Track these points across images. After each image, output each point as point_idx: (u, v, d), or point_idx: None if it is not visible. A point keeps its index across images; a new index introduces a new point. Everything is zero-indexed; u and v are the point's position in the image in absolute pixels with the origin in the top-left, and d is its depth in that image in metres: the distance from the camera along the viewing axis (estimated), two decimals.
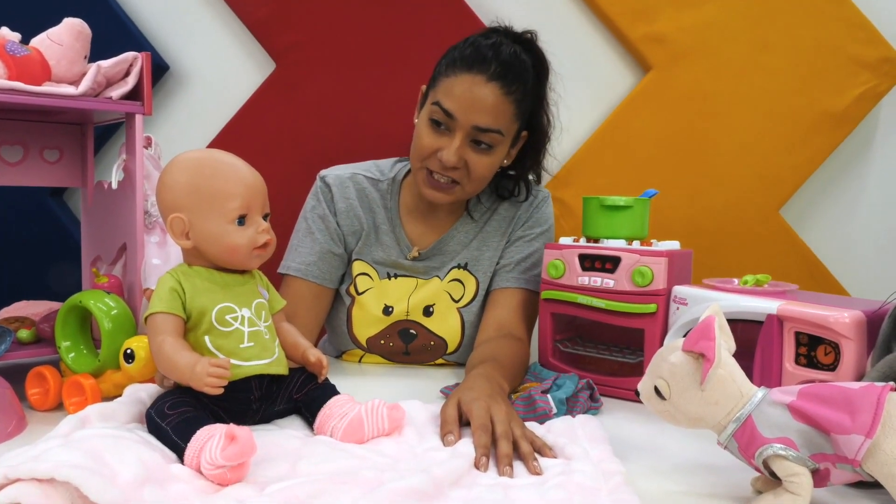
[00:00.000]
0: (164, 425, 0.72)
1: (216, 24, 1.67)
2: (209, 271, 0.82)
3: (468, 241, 1.25)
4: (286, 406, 0.85)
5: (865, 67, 1.60)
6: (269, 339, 0.83)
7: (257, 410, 0.82)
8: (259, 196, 0.83)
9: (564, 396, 0.91)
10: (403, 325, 1.23)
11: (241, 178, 0.82)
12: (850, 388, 0.65)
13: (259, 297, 0.85)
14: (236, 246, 0.81)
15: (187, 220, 0.81)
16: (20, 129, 1.11)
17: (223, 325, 0.79)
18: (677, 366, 0.69)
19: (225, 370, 0.73)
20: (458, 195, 1.18)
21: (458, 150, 1.11)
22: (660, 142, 1.63)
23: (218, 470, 0.65)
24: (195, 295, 0.79)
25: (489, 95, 1.10)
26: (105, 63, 1.01)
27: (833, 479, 0.66)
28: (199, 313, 0.78)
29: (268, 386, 0.82)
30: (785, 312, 0.86)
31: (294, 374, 0.86)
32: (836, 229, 1.69)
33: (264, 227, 0.83)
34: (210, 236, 0.81)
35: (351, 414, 0.80)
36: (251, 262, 0.83)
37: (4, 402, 0.86)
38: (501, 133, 1.13)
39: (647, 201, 1.10)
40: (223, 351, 0.78)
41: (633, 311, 1.01)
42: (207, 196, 0.81)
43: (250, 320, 0.81)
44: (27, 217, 1.65)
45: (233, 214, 0.80)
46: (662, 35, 1.61)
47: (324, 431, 0.80)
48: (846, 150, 1.66)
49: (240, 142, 1.64)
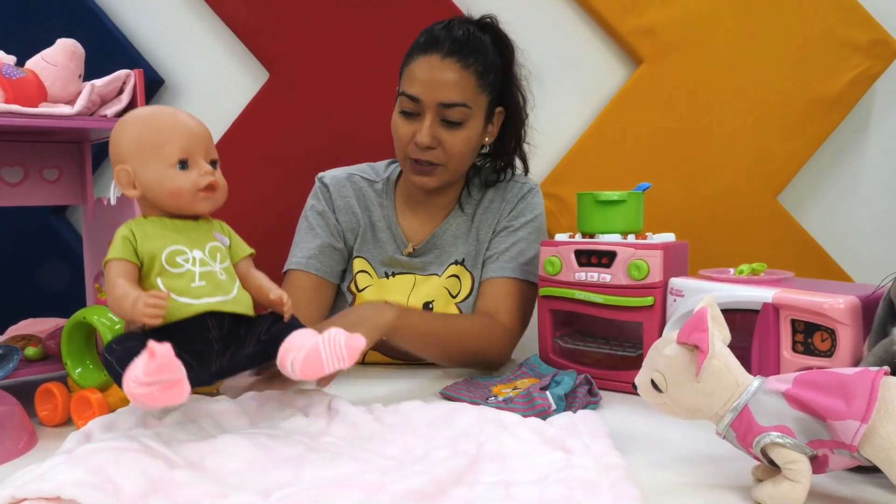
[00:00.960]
0: (110, 359, 0.74)
1: (209, 37, 1.68)
2: (161, 219, 0.84)
3: (461, 234, 1.27)
4: (255, 349, 0.83)
5: (857, 50, 1.60)
6: (227, 280, 0.83)
7: (222, 352, 0.81)
8: (201, 142, 0.85)
9: (563, 393, 0.92)
10: None
11: (180, 124, 0.84)
12: (844, 374, 0.66)
13: (213, 240, 0.85)
14: (179, 189, 0.82)
15: (132, 170, 0.83)
16: (19, 151, 1.13)
17: (173, 266, 0.80)
18: (672, 358, 0.70)
19: (162, 300, 0.74)
20: (442, 176, 1.21)
21: (429, 130, 1.16)
22: (654, 134, 1.64)
23: (143, 388, 0.66)
24: (145, 240, 0.80)
25: (447, 71, 1.15)
26: (99, 82, 1.02)
27: (832, 464, 0.67)
28: (150, 257, 0.80)
29: (230, 326, 0.82)
30: (780, 300, 0.86)
31: (263, 317, 0.85)
32: (835, 214, 1.69)
33: (207, 170, 0.83)
34: (153, 182, 0.83)
35: (308, 345, 0.78)
36: (197, 205, 0.84)
37: (14, 419, 0.87)
38: (467, 106, 1.16)
39: (640, 195, 1.11)
40: (175, 291, 0.78)
41: (631, 305, 1.02)
42: (148, 144, 0.83)
43: (202, 261, 0.82)
44: (31, 236, 1.66)
45: (172, 158, 0.82)
46: (652, 27, 1.61)
47: (284, 366, 0.80)
48: (842, 135, 1.66)
49: (238, 151, 1.65)
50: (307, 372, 0.77)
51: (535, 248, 1.22)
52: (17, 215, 1.63)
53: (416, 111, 1.17)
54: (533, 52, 1.63)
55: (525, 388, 0.96)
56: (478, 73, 1.17)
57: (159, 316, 0.74)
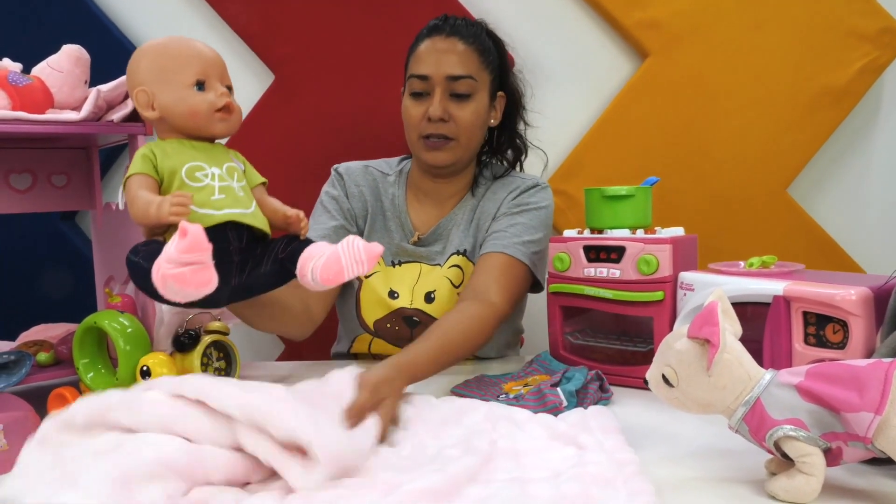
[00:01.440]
0: (135, 259, 0.76)
1: (213, 40, 1.68)
2: (179, 140, 0.86)
3: (464, 223, 1.29)
4: (272, 267, 0.85)
5: (865, 40, 1.58)
6: (244, 197, 0.86)
7: (240, 267, 0.83)
8: (216, 66, 0.88)
9: (574, 389, 0.91)
10: (407, 312, 1.26)
11: (196, 49, 0.88)
12: (857, 366, 0.65)
13: (230, 161, 0.88)
14: (196, 108, 0.85)
15: (150, 91, 0.86)
16: (27, 157, 1.13)
17: (193, 180, 0.82)
18: (683, 353, 0.70)
19: (187, 198, 0.76)
20: (455, 151, 1.25)
21: (440, 103, 1.21)
22: (661, 128, 1.63)
23: (176, 268, 0.67)
24: (165, 157, 0.82)
25: (452, 46, 1.23)
26: (104, 87, 1.02)
27: (846, 457, 0.66)
28: (170, 173, 0.82)
29: (248, 242, 0.85)
30: (791, 293, 0.86)
31: (279, 238, 0.88)
32: (845, 205, 1.68)
33: (223, 91, 0.87)
34: (171, 103, 0.85)
35: (328, 251, 0.80)
36: (214, 125, 0.87)
37: (28, 424, 0.87)
38: (473, 78, 1.23)
39: (648, 189, 1.10)
40: (196, 203, 0.80)
41: (641, 300, 1.02)
42: (166, 67, 0.86)
43: (220, 176, 0.84)
44: (40, 242, 1.67)
45: (190, 79, 0.85)
46: (657, 20, 1.60)
47: (304, 274, 0.81)
48: (851, 125, 1.65)
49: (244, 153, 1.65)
50: (327, 276, 0.79)
51: (536, 234, 1.23)
52: (27, 222, 1.63)
53: (425, 90, 1.23)
54: (538, 48, 1.64)
55: (536, 385, 0.95)
56: (479, 51, 1.25)
57: (184, 214, 0.76)
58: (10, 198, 1.13)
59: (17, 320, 1.25)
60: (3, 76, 0.98)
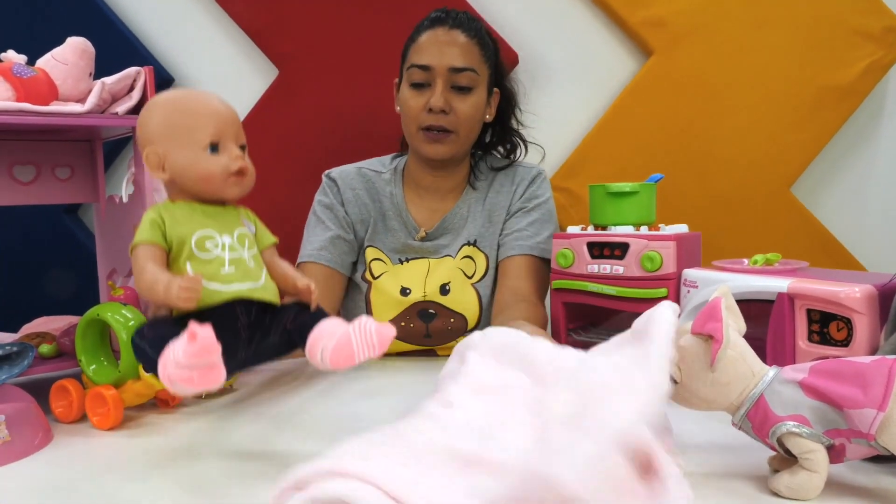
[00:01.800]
0: (142, 344, 0.73)
1: (218, 34, 1.68)
2: (190, 204, 0.83)
3: (472, 215, 1.31)
4: (281, 338, 0.82)
5: (870, 39, 1.58)
6: (255, 268, 0.82)
7: (248, 341, 0.80)
8: (232, 125, 0.84)
9: None
10: (422, 305, 1.26)
11: (211, 107, 0.83)
12: (861, 363, 0.65)
13: (241, 227, 0.84)
14: (210, 173, 0.81)
15: (162, 151, 0.82)
16: (31, 149, 1.13)
17: (203, 251, 0.79)
18: (687, 349, 0.69)
19: (197, 283, 0.73)
20: (454, 144, 1.26)
21: (442, 94, 1.22)
22: (665, 126, 1.63)
23: (183, 371, 0.65)
24: (174, 224, 0.79)
25: (455, 38, 1.23)
26: (109, 79, 1.02)
27: (849, 454, 0.66)
28: (179, 242, 0.78)
29: (257, 314, 0.80)
30: (795, 290, 0.86)
31: (288, 306, 0.84)
32: (849, 204, 1.68)
33: (237, 154, 0.83)
34: (183, 165, 0.81)
35: (339, 333, 0.76)
36: (228, 190, 0.83)
37: (30, 415, 0.88)
38: (475, 71, 1.23)
39: (653, 186, 1.10)
40: (204, 276, 0.77)
41: (644, 297, 1.02)
42: (179, 126, 0.82)
43: (231, 246, 0.81)
44: (44, 235, 1.67)
45: (204, 141, 0.81)
46: (661, 18, 1.60)
47: (314, 355, 0.77)
48: (855, 125, 1.65)
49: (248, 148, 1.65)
50: (338, 360, 0.75)
51: (549, 228, 1.29)
52: (30, 215, 1.64)
53: (426, 80, 1.23)
54: (542, 45, 1.64)
55: None
56: (480, 45, 1.25)
57: (194, 300, 0.73)
58: (13, 190, 1.12)
59: (19, 313, 1.25)
60: (8, 68, 0.98)
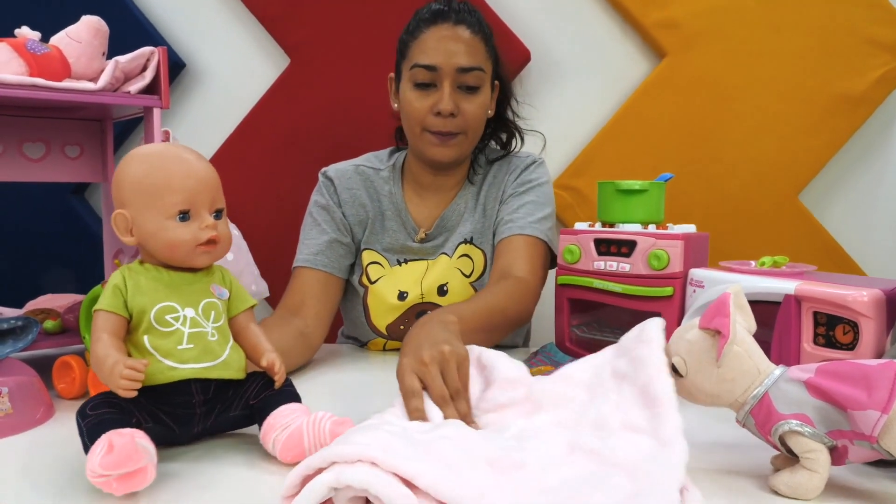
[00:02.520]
0: (82, 425, 0.69)
1: (231, 21, 1.68)
2: (157, 269, 0.78)
3: (468, 210, 1.28)
4: (242, 412, 0.79)
5: (884, 49, 1.58)
6: (217, 342, 0.77)
7: (206, 415, 0.77)
8: (207, 191, 0.78)
9: None
10: (420, 307, 1.24)
11: (185, 172, 0.78)
12: (867, 365, 0.65)
13: (210, 296, 0.79)
14: (176, 243, 0.77)
15: (130, 216, 0.77)
16: (42, 126, 1.14)
17: (162, 324, 0.75)
18: (694, 343, 0.69)
19: (139, 372, 0.69)
20: (462, 146, 1.22)
21: (450, 96, 1.17)
22: (676, 128, 1.63)
23: (100, 479, 0.62)
24: (136, 293, 0.75)
25: (461, 36, 1.17)
26: (123, 58, 1.03)
27: (851, 456, 0.66)
28: (139, 311, 0.75)
29: (217, 390, 0.77)
30: (803, 292, 0.85)
31: (254, 378, 0.80)
32: (856, 213, 1.67)
33: (209, 224, 0.77)
34: (150, 233, 0.77)
35: (293, 426, 0.74)
36: (196, 259, 0.78)
37: (33, 390, 0.88)
38: (482, 70, 1.19)
39: (662, 185, 1.10)
40: (160, 351, 0.74)
41: (650, 295, 1.01)
42: (148, 191, 0.77)
43: (193, 321, 0.76)
44: (51, 215, 1.68)
45: (172, 210, 0.76)
46: (675, 20, 1.60)
47: (266, 443, 0.75)
48: (866, 134, 1.64)
49: (257, 137, 1.65)
50: (286, 456, 0.73)
51: (545, 210, 1.25)
52: (38, 195, 1.64)
53: (432, 81, 1.18)
54: (556, 43, 1.64)
55: (538, 375, 0.95)
56: (485, 41, 1.21)
57: (134, 388, 0.69)
58: (23, 166, 1.13)
59: (24, 290, 1.25)
60: (22, 44, 0.98)
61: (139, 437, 0.66)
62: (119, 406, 0.70)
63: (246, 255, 1.16)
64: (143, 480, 0.64)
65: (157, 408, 0.74)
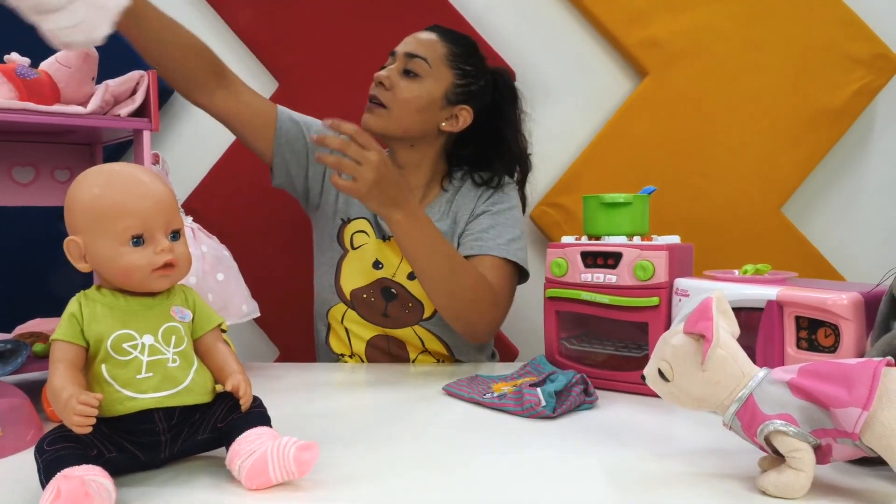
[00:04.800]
0: (39, 463, 0.66)
1: (218, 46, 1.68)
2: (114, 295, 0.76)
3: (442, 216, 1.33)
4: (210, 435, 0.75)
5: (860, 64, 1.61)
6: (178, 367, 0.74)
7: (172, 441, 0.74)
8: (161, 213, 0.75)
9: (554, 390, 0.91)
10: (386, 283, 1.29)
11: (138, 193, 0.75)
12: (847, 364, 0.66)
13: (170, 320, 0.76)
14: (131, 269, 0.74)
15: (82, 242, 0.74)
16: (31, 151, 1.15)
17: (120, 353, 0.72)
18: (679, 348, 0.71)
19: (91, 408, 0.66)
20: (383, 119, 1.28)
21: (391, 71, 1.28)
22: (659, 146, 1.65)
23: None
24: (92, 321, 0.73)
25: (424, 34, 1.31)
26: (112, 82, 1.04)
27: (835, 454, 0.67)
28: (96, 341, 0.72)
29: (181, 416, 0.74)
30: (784, 298, 0.87)
31: (221, 399, 0.77)
32: (838, 225, 1.70)
33: (164, 247, 0.74)
34: (103, 259, 0.74)
35: (258, 453, 0.70)
36: (153, 284, 0.75)
37: (23, 412, 0.88)
38: (427, 62, 1.27)
39: (646, 198, 1.12)
40: (118, 381, 0.72)
41: (637, 305, 1.03)
42: (99, 215, 0.74)
43: (152, 348, 0.74)
44: (40, 238, 1.67)
45: (125, 235, 0.73)
46: (657, 39, 1.63)
47: (232, 468, 0.72)
48: (844, 147, 1.68)
49: (246, 161, 1.66)
50: (252, 483, 0.70)
51: (514, 232, 1.29)
52: (28, 219, 1.64)
53: (390, 62, 1.30)
54: (539, 64, 1.67)
55: (517, 386, 0.96)
56: (449, 51, 1.30)
57: (89, 424, 0.67)
58: (12, 191, 1.14)
59: (14, 314, 1.25)
60: (11, 69, 1.00)
61: (92, 475, 0.64)
62: (78, 439, 0.68)
63: (236, 276, 1.16)
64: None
65: (120, 437, 0.71)
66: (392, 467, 0.76)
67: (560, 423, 0.91)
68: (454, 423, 0.92)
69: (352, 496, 0.68)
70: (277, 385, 1.12)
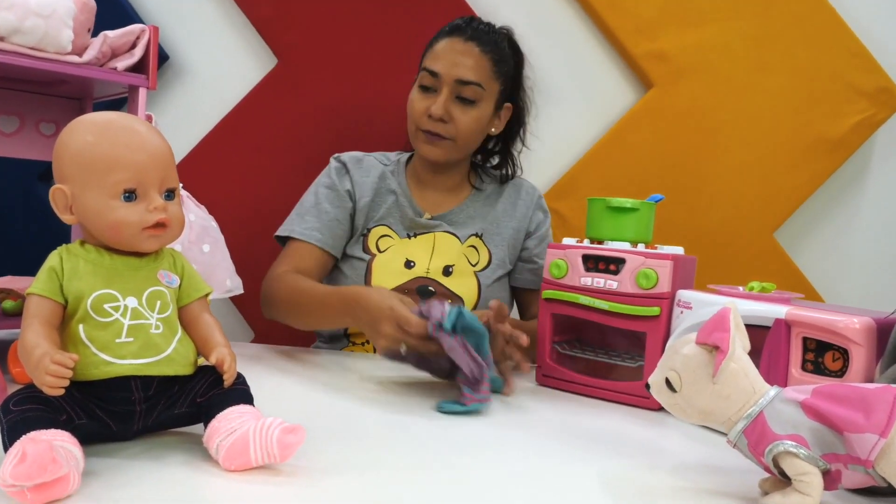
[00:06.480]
0: (3, 423, 0.62)
1: (219, 18, 1.65)
2: (99, 252, 0.71)
3: (478, 215, 1.34)
4: (188, 410, 0.71)
5: (863, 95, 1.62)
6: (161, 335, 0.70)
7: (147, 412, 0.70)
8: (158, 168, 0.70)
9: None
10: (423, 281, 1.27)
11: (134, 145, 0.70)
12: (865, 388, 0.64)
13: (157, 284, 0.72)
14: (120, 224, 0.69)
15: (69, 192, 0.69)
16: (17, 100, 1.09)
17: (100, 314, 0.68)
18: (690, 358, 0.68)
19: (66, 369, 0.62)
20: (449, 150, 1.28)
21: (443, 103, 1.23)
22: (658, 158, 1.64)
23: (13, 489, 0.56)
24: (73, 278, 0.68)
25: (468, 51, 1.24)
26: (112, 33, 0.99)
27: (844, 481, 0.64)
28: (75, 298, 0.68)
29: (158, 387, 0.70)
30: (793, 317, 0.85)
31: (203, 373, 0.73)
32: (829, 254, 1.70)
33: (157, 205, 0.70)
34: (91, 212, 0.69)
35: (239, 432, 0.66)
36: (142, 243, 0.71)
37: None
38: (482, 86, 1.25)
39: (652, 205, 1.09)
40: (96, 344, 0.67)
41: (637, 314, 1.00)
42: (91, 165, 0.69)
43: (135, 311, 0.69)
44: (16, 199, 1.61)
45: (117, 188, 0.68)
46: (664, 52, 1.62)
47: (210, 447, 0.68)
48: (841, 177, 1.68)
49: (237, 135, 1.62)
50: (230, 464, 0.66)
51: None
52: (3, 179, 1.58)
53: (433, 86, 1.25)
54: (545, 68, 1.64)
55: None
56: (493, 61, 1.26)
57: (61, 386, 0.62)
58: None
59: None
60: None
61: (60, 440, 0.60)
62: (47, 401, 0.63)
63: (222, 249, 1.11)
64: (64, 489, 0.57)
65: (92, 403, 0.67)
66: (378, 460, 0.72)
67: (552, 429, 0.88)
68: (447, 417, 0.89)
69: (336, 485, 0.65)
70: (257, 367, 1.07)
